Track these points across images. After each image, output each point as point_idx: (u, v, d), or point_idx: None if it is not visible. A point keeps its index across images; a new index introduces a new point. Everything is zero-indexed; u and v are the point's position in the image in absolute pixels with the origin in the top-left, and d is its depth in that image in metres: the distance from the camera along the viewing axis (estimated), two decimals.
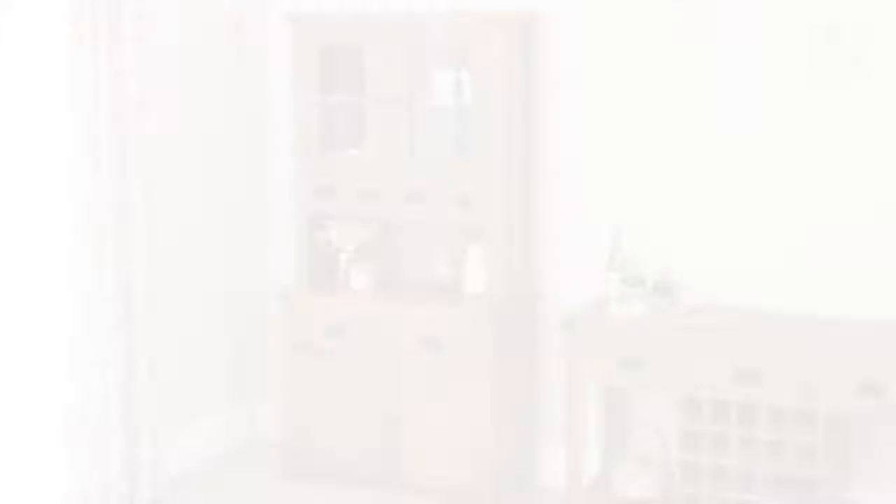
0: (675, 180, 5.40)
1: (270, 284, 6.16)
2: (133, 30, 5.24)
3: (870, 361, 4.71)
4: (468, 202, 5.41)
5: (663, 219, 5.43)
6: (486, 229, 5.46)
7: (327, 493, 5.69)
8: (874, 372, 4.71)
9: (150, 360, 5.47)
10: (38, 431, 5.18)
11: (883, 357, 4.69)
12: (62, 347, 5.12)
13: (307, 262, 5.78)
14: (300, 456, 5.75)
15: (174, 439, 5.84)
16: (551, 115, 5.57)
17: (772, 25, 5.18)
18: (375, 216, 5.63)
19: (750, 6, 5.20)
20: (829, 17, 5.08)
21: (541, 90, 5.57)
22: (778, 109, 5.20)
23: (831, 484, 4.97)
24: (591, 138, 5.51)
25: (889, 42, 5.01)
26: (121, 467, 5.32)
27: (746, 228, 5.30)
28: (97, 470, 5.21)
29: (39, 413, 5.17)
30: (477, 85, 5.34)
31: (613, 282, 5.35)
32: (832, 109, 5.12)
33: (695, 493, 5.08)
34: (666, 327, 5.03)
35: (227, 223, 6.12)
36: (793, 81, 5.16)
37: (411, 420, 5.51)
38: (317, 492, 5.71)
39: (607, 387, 5.43)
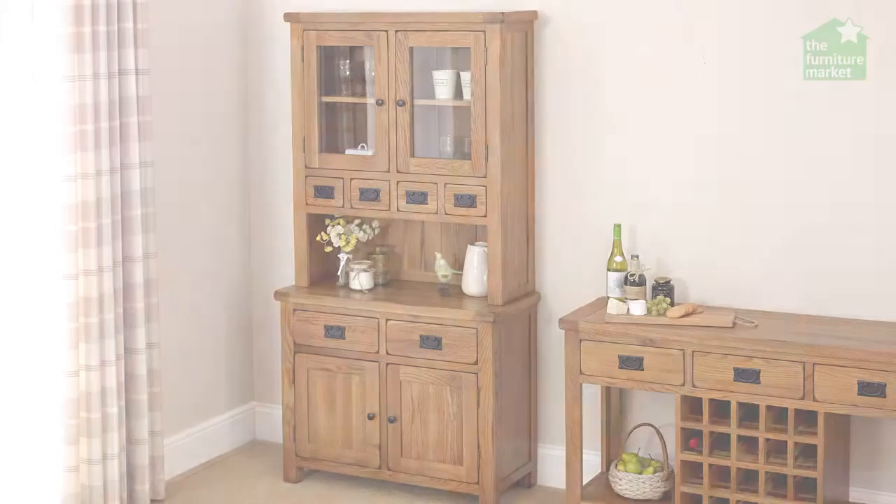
0: (675, 180, 5.39)
1: (271, 284, 6.16)
2: (133, 30, 5.24)
3: (870, 361, 4.71)
4: (468, 202, 5.41)
5: (663, 219, 5.42)
6: (486, 229, 5.46)
7: (327, 493, 5.69)
8: (874, 372, 4.70)
9: (150, 360, 5.47)
10: (38, 431, 5.17)
11: (883, 357, 4.69)
12: (62, 347, 5.11)
13: (307, 263, 5.77)
14: (300, 456, 5.75)
15: (174, 439, 5.84)
16: (551, 115, 5.56)
17: (772, 26, 5.17)
18: (375, 216, 5.63)
19: (750, 7, 5.19)
20: (827, 16, 5.08)
21: (541, 90, 5.56)
22: (779, 109, 5.19)
23: (831, 484, 4.96)
24: (592, 138, 5.50)
25: (888, 42, 5.01)
26: (121, 467, 5.31)
27: (747, 228, 5.29)
28: (97, 470, 5.21)
29: (39, 413, 5.16)
30: (477, 85, 5.33)
31: (613, 282, 5.34)
32: (834, 110, 5.11)
33: (695, 493, 5.07)
34: (666, 327, 5.03)
35: (227, 223, 6.12)
36: (793, 82, 5.15)
37: (411, 420, 5.51)
38: (317, 492, 5.71)
39: (607, 387, 5.42)
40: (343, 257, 5.76)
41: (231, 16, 6.05)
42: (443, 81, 5.48)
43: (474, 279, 5.56)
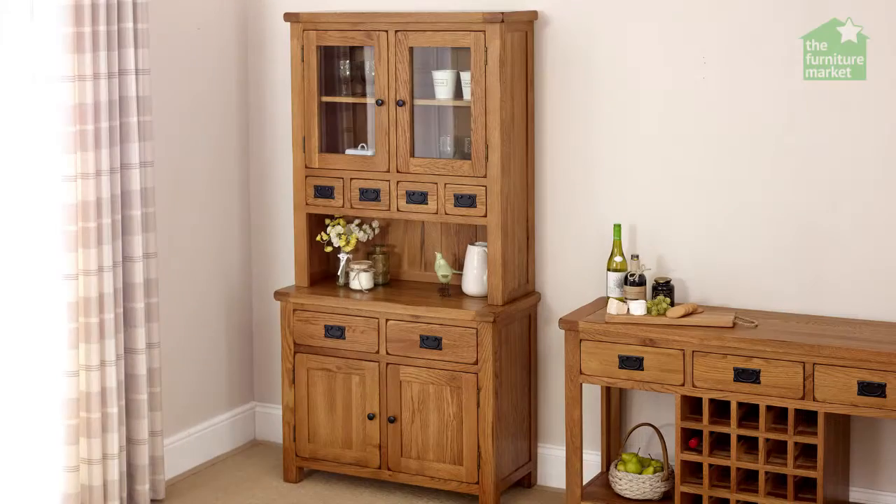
0: (675, 180, 5.39)
1: (271, 284, 6.16)
2: (133, 30, 5.24)
3: (870, 361, 4.71)
4: (468, 202, 5.41)
5: (663, 219, 5.42)
6: (486, 229, 5.46)
7: (327, 493, 5.69)
8: (874, 372, 4.70)
9: (150, 360, 5.47)
10: (38, 431, 5.17)
11: (883, 357, 4.69)
12: (62, 347, 5.11)
13: (307, 263, 5.77)
14: (300, 456, 5.75)
15: (174, 439, 5.84)
16: (551, 115, 5.56)
17: (772, 26, 5.17)
18: (375, 216, 5.63)
19: (750, 7, 5.19)
20: (827, 16, 5.08)
21: (541, 90, 5.56)
22: (779, 110, 5.19)
23: (831, 484, 4.96)
24: (591, 138, 5.50)
25: (888, 42, 5.01)
26: (121, 467, 5.31)
27: (747, 228, 5.29)
28: (97, 470, 5.21)
29: (39, 413, 5.16)
30: (477, 85, 5.33)
31: (613, 282, 5.35)
32: (834, 110, 5.11)
33: (695, 493, 5.07)
34: (666, 327, 5.03)
35: (227, 223, 6.12)
36: (793, 82, 5.15)
37: (411, 420, 5.51)
38: (317, 492, 5.71)
39: (607, 387, 5.42)
40: (343, 257, 5.76)
41: (231, 16, 6.05)
42: (443, 81, 5.48)
43: (474, 279, 5.56)
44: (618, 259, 5.34)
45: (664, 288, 5.27)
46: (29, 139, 5.06)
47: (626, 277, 5.31)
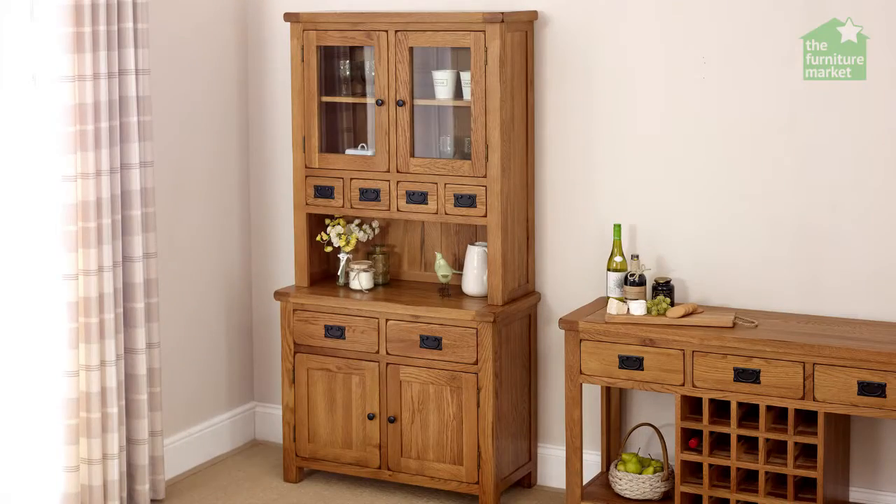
0: (675, 180, 5.39)
1: (271, 284, 6.16)
2: (133, 30, 5.24)
3: (870, 361, 4.71)
4: (468, 202, 5.41)
5: (663, 219, 5.42)
6: (486, 229, 5.46)
7: (327, 493, 5.69)
8: (874, 372, 4.70)
9: (150, 360, 5.47)
10: (38, 431, 5.17)
11: (883, 357, 4.69)
12: (62, 347, 5.11)
13: (307, 263, 5.77)
14: (300, 456, 5.75)
15: (174, 439, 5.84)
16: (551, 115, 5.56)
17: (772, 26, 5.17)
18: (375, 216, 5.62)
19: (750, 7, 5.19)
20: (827, 16, 5.08)
21: (541, 90, 5.56)
22: (779, 110, 5.19)
23: (831, 484, 4.96)
24: (591, 138, 5.50)
25: (888, 42, 5.01)
26: (121, 467, 5.31)
27: (747, 228, 5.29)
28: (97, 470, 5.21)
29: (39, 413, 5.16)
30: (477, 85, 5.33)
31: (613, 282, 5.35)
32: (834, 110, 5.11)
33: (695, 493, 5.07)
34: (666, 327, 5.03)
35: (227, 223, 6.12)
36: (793, 82, 5.15)
37: (411, 420, 5.51)
38: (317, 492, 5.71)
39: (607, 387, 5.42)
40: (343, 257, 5.76)
41: (231, 16, 6.05)
42: (443, 81, 5.48)
43: (474, 279, 5.56)
44: (618, 259, 5.34)
45: (664, 288, 5.27)
46: (29, 139, 5.06)
47: (626, 277, 5.31)
